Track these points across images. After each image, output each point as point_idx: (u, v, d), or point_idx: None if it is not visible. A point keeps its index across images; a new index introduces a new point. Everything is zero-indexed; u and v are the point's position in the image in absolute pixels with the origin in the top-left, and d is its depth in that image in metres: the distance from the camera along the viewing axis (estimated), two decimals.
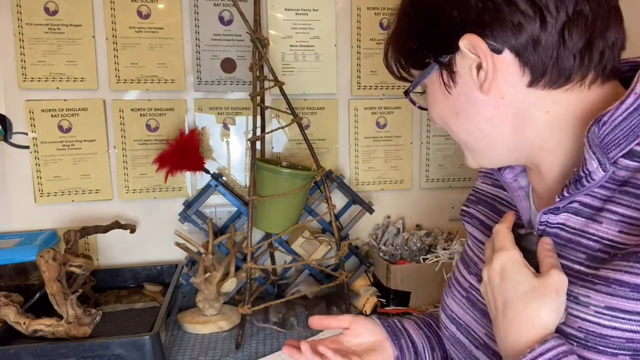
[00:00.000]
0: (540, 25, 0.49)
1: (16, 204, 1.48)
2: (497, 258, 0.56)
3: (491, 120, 0.55)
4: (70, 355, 1.00)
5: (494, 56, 0.51)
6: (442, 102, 0.59)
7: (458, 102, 0.57)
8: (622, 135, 0.50)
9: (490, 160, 0.61)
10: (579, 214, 0.55)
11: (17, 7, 1.42)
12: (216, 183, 1.52)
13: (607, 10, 0.52)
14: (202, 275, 1.34)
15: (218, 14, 1.54)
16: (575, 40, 0.50)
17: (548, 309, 0.51)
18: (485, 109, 0.55)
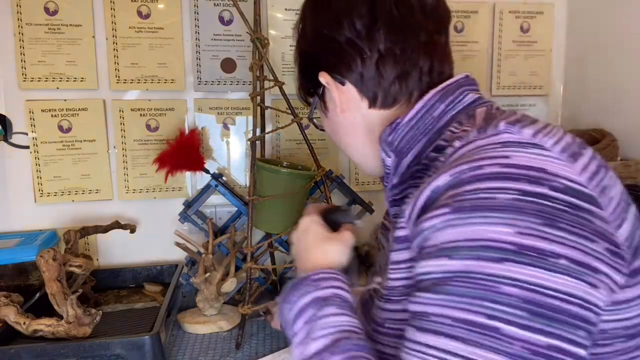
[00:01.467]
0: (361, 63, 0.64)
1: (16, 204, 1.48)
2: (302, 221, 0.73)
3: (353, 137, 0.70)
4: (70, 355, 1.00)
5: (340, 87, 0.67)
6: (326, 124, 0.75)
7: (332, 124, 0.73)
8: (415, 135, 0.63)
9: (370, 169, 0.75)
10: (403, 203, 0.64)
11: (17, 7, 1.42)
12: (216, 183, 1.52)
13: (417, 46, 0.63)
14: (202, 275, 1.34)
15: (218, 14, 1.54)
16: (389, 72, 0.64)
17: (335, 250, 0.68)
18: (347, 128, 0.70)
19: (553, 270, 0.41)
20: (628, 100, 1.51)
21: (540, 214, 0.43)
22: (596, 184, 0.46)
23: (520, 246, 0.42)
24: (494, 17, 1.72)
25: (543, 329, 0.41)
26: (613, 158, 1.45)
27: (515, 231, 0.42)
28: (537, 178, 0.44)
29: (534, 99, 1.78)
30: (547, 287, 0.41)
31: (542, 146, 0.47)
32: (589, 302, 0.42)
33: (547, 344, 0.40)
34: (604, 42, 1.60)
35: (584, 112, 1.70)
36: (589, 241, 0.43)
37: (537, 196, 0.43)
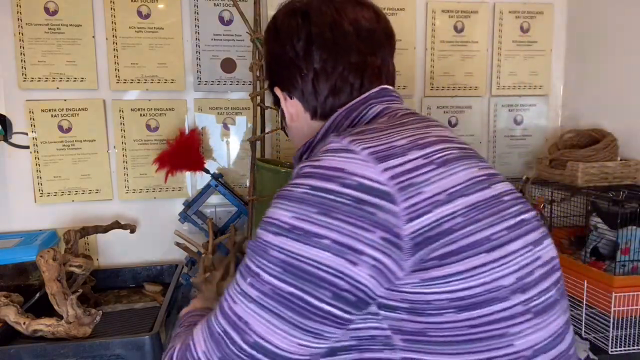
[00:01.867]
0: (301, 80, 0.74)
1: (16, 204, 1.48)
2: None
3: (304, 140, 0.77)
4: (70, 355, 1.00)
5: (289, 100, 0.77)
6: (287, 130, 0.83)
7: (289, 131, 0.82)
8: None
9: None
10: None
11: (17, 7, 1.42)
12: (216, 183, 1.51)
13: (348, 65, 0.72)
14: (202, 275, 1.33)
15: (218, 14, 1.54)
16: (323, 88, 0.73)
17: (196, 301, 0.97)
18: (299, 135, 0.79)
19: (314, 246, 0.54)
20: (628, 100, 1.51)
21: (318, 204, 0.55)
22: (400, 182, 0.55)
23: (292, 226, 0.56)
24: (494, 17, 1.72)
25: (291, 281, 0.55)
26: (613, 158, 1.45)
27: (292, 216, 0.56)
28: (330, 176, 0.56)
29: (534, 99, 1.78)
30: (304, 256, 0.55)
31: (352, 151, 0.58)
32: (343, 273, 0.54)
33: (290, 291, 0.55)
34: (604, 42, 1.60)
35: (584, 112, 1.70)
36: (363, 230, 0.54)
37: (323, 190, 0.56)
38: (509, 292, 0.56)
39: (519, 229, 0.60)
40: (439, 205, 0.55)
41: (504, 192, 0.62)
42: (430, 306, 0.55)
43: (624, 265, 1.23)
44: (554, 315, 0.60)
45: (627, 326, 1.18)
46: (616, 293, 1.15)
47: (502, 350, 0.56)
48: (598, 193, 1.34)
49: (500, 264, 0.57)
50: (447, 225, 0.55)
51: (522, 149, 1.79)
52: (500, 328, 0.56)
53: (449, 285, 0.55)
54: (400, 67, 1.67)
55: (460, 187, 0.58)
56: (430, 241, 0.55)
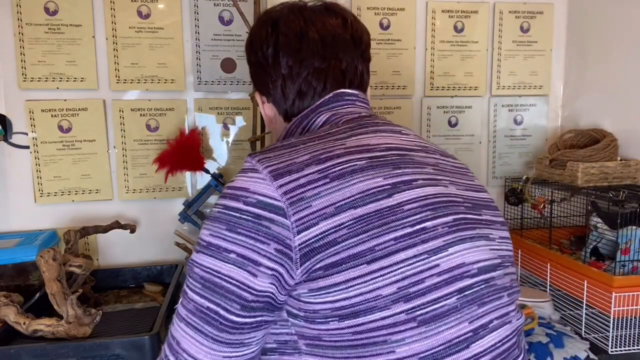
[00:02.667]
0: (272, 84, 0.79)
1: (16, 204, 1.48)
2: None
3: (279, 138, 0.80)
4: (70, 355, 1.00)
5: (266, 104, 0.83)
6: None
7: (272, 132, 0.87)
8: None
9: None
10: None
11: (17, 7, 1.42)
12: (216, 183, 1.52)
13: (312, 71, 0.76)
14: None
15: (218, 14, 1.54)
16: (290, 92, 0.78)
17: None
18: (276, 136, 0.83)
19: (223, 260, 0.59)
20: (628, 100, 1.51)
21: (227, 222, 0.60)
22: (291, 197, 0.59)
23: (208, 243, 0.61)
24: (494, 17, 1.72)
25: (207, 296, 0.59)
26: (613, 158, 1.45)
27: (209, 233, 0.61)
28: (237, 195, 0.61)
29: (534, 99, 1.78)
30: (216, 270, 0.59)
31: (257, 170, 0.62)
32: (246, 285, 0.58)
33: (207, 306, 0.59)
34: (604, 42, 1.60)
35: (584, 112, 1.70)
36: (260, 242, 0.58)
37: (231, 209, 0.61)
38: (389, 302, 0.58)
39: (412, 238, 0.60)
40: (325, 217, 0.58)
41: (407, 201, 0.62)
42: (317, 314, 0.59)
43: (624, 265, 1.23)
44: (448, 324, 0.59)
45: (627, 326, 1.18)
46: (616, 293, 1.15)
47: (384, 356, 0.58)
48: (598, 193, 1.34)
49: (380, 275, 0.58)
50: (331, 237, 0.58)
51: (522, 149, 1.79)
52: (381, 335, 0.58)
53: (331, 295, 0.58)
54: (400, 67, 1.67)
55: (350, 199, 0.59)
56: (316, 252, 0.58)
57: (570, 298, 1.32)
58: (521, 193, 1.58)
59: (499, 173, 1.78)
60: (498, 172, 1.78)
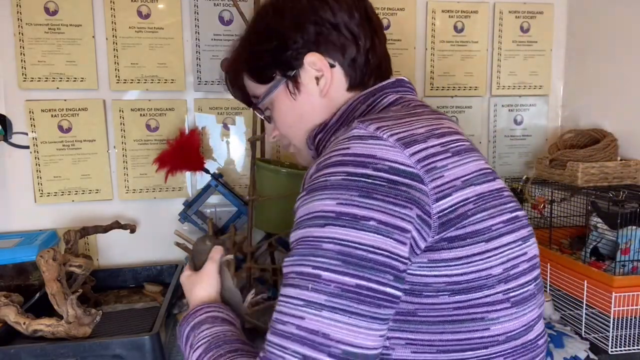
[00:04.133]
0: (356, 49, 0.73)
1: (16, 204, 1.48)
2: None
3: (311, 122, 0.75)
4: (70, 355, 1.00)
5: (331, 70, 0.73)
6: (288, 109, 0.76)
7: (302, 107, 0.75)
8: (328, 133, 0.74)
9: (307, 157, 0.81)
10: None
11: (17, 7, 1.42)
12: (216, 183, 1.52)
13: (384, 50, 0.78)
14: None
15: (218, 14, 1.54)
16: (374, 61, 0.75)
17: (201, 287, 0.81)
18: (322, 110, 0.74)
19: (363, 230, 0.54)
20: (628, 100, 1.51)
21: (357, 188, 0.55)
22: (425, 165, 0.58)
23: (338, 213, 0.55)
24: (494, 17, 1.72)
25: (353, 273, 0.53)
26: (613, 158, 1.45)
27: (336, 202, 0.55)
28: (363, 162, 0.57)
29: (534, 99, 1.78)
30: (356, 242, 0.54)
31: (379, 137, 0.59)
32: (396, 254, 0.55)
33: (356, 283, 0.53)
34: (604, 42, 1.60)
35: (584, 112, 1.70)
36: (402, 207, 0.55)
37: (358, 175, 0.56)
38: (495, 282, 0.60)
39: (512, 224, 0.63)
40: (456, 190, 0.58)
41: (503, 188, 0.65)
42: (427, 288, 0.58)
43: (624, 265, 1.23)
44: (529, 307, 0.64)
45: (627, 326, 1.18)
46: (616, 293, 1.15)
47: (479, 332, 0.59)
48: (598, 193, 1.34)
49: (494, 254, 0.60)
50: (461, 210, 0.58)
51: (522, 149, 1.79)
52: (481, 312, 0.59)
53: (449, 269, 0.58)
54: (401, 67, 1.67)
55: (471, 176, 0.61)
56: (449, 223, 0.58)
57: (570, 298, 1.32)
58: (521, 193, 1.58)
59: (499, 173, 1.77)
60: (498, 172, 1.78)
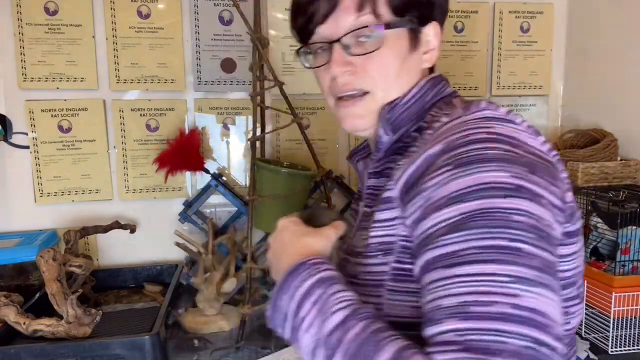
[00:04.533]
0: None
1: (16, 204, 1.48)
2: (279, 222, 0.72)
3: (406, 82, 0.70)
4: (70, 355, 1.00)
5: (436, 40, 0.73)
6: (397, 58, 0.68)
7: (408, 65, 0.70)
8: (407, 116, 0.69)
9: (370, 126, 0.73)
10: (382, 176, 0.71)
11: (17, 7, 1.42)
12: (216, 183, 1.52)
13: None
14: (202, 275, 1.34)
15: (218, 14, 1.54)
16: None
17: (318, 242, 0.66)
18: (409, 80, 0.70)
19: (540, 205, 0.51)
20: (628, 100, 1.51)
21: (524, 164, 0.52)
22: (554, 155, 0.58)
23: (517, 186, 0.51)
24: (494, 17, 1.72)
25: (545, 247, 0.50)
26: (613, 158, 1.45)
27: (509, 175, 0.51)
28: (513, 143, 0.54)
29: (534, 99, 1.78)
30: (540, 217, 0.51)
31: (513, 121, 0.58)
32: (557, 232, 0.54)
33: (549, 259, 0.50)
34: (604, 42, 1.60)
35: (584, 112, 1.70)
36: (558, 190, 0.55)
37: (519, 153, 0.53)
38: (578, 278, 0.64)
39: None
40: (569, 188, 0.60)
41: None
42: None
43: (624, 265, 1.23)
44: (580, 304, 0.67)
45: (627, 326, 1.18)
46: (616, 293, 1.15)
47: (564, 327, 0.61)
48: (598, 193, 1.34)
49: (580, 255, 0.63)
50: (573, 206, 0.60)
51: None
52: (566, 307, 0.62)
53: (564, 265, 0.60)
54: None
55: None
56: (569, 217, 0.59)
57: None
58: None
59: None
60: None
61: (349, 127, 0.71)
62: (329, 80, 0.70)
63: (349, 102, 0.69)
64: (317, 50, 0.70)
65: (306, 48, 0.71)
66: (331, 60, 0.67)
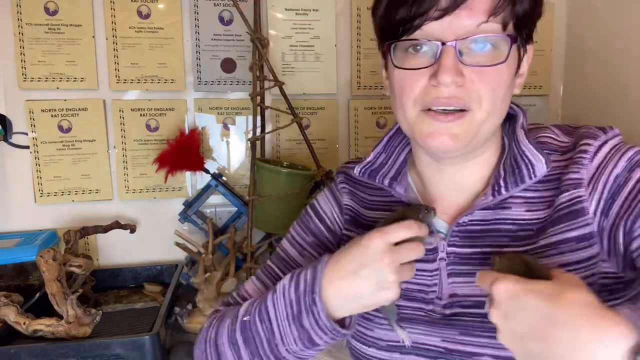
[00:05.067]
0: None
1: (16, 204, 1.48)
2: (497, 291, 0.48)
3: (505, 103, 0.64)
4: (70, 355, 1.00)
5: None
6: (508, 78, 0.62)
7: (512, 87, 0.64)
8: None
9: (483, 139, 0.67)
10: (485, 208, 0.65)
11: (17, 7, 1.42)
12: (216, 183, 1.52)
13: None
14: (202, 275, 1.34)
15: (218, 14, 1.54)
16: None
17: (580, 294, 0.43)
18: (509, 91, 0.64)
19: None
20: (628, 100, 1.51)
21: None
22: None
23: None
24: None
25: None
26: None
27: None
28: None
29: (534, 99, 1.78)
30: None
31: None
32: None
33: None
34: (604, 42, 1.60)
35: (584, 112, 1.70)
36: None
37: None
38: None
39: None
40: None
41: None
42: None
43: None
44: None
45: None
46: None
47: None
48: None
49: None
50: None
51: None
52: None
53: None
54: None
55: None
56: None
57: None
58: None
59: None
60: None
61: (438, 146, 0.61)
62: (421, 87, 0.60)
63: (446, 117, 0.59)
64: (418, 48, 0.60)
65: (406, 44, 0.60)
66: (441, 65, 0.57)
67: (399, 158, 0.77)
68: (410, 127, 0.64)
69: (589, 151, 0.62)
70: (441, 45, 0.57)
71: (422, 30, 0.58)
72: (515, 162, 0.64)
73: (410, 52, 0.60)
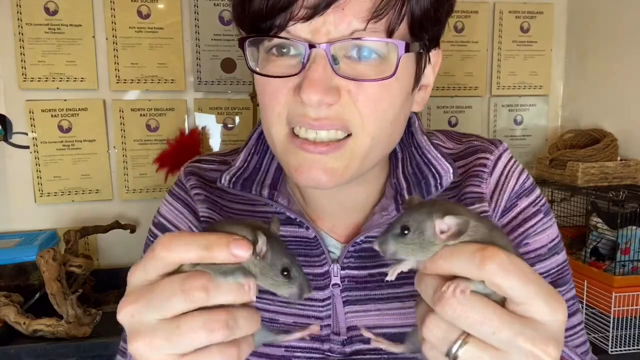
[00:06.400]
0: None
1: (16, 204, 1.48)
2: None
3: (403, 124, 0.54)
4: (70, 355, 1.00)
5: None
6: (401, 91, 0.49)
7: (408, 104, 0.52)
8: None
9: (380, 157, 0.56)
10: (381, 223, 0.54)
11: (17, 7, 1.42)
12: None
13: None
14: None
15: (218, 14, 1.54)
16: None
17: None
18: (406, 119, 0.54)
19: None
20: (628, 100, 1.51)
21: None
22: None
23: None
24: (494, 17, 1.72)
25: None
26: (613, 158, 1.45)
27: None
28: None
29: (534, 99, 1.78)
30: None
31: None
32: None
33: None
34: (604, 42, 1.60)
35: (584, 112, 1.70)
36: None
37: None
38: None
39: None
40: None
41: None
42: None
43: (624, 265, 1.23)
44: None
45: (627, 326, 1.18)
46: (616, 293, 1.15)
47: None
48: (598, 193, 1.34)
49: None
50: None
51: (522, 149, 1.79)
52: None
53: None
54: None
55: None
56: None
57: None
58: None
59: None
60: None
61: (308, 182, 0.48)
62: (286, 99, 0.48)
63: (316, 148, 0.47)
64: (283, 51, 0.47)
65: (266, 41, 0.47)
66: (306, 78, 0.44)
67: (273, 160, 0.60)
68: (276, 152, 0.53)
69: (488, 165, 0.58)
70: (309, 48, 0.44)
71: (287, 32, 0.45)
72: (420, 172, 0.55)
73: (273, 53, 0.47)
